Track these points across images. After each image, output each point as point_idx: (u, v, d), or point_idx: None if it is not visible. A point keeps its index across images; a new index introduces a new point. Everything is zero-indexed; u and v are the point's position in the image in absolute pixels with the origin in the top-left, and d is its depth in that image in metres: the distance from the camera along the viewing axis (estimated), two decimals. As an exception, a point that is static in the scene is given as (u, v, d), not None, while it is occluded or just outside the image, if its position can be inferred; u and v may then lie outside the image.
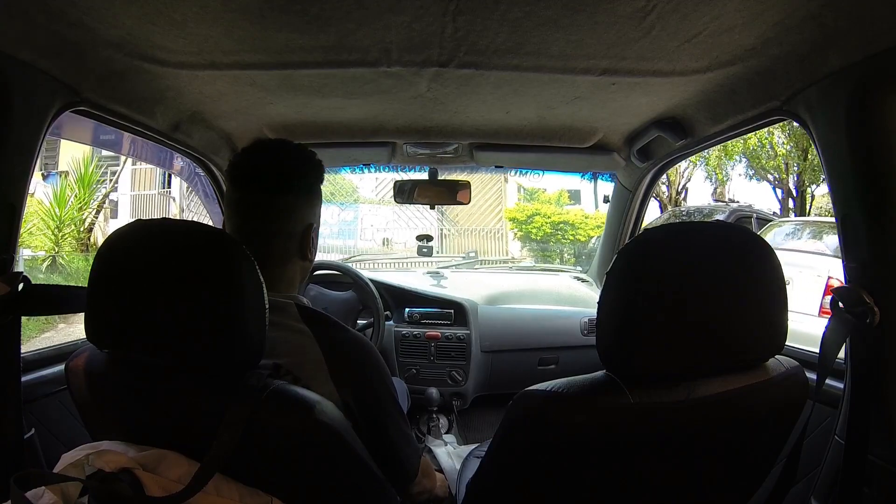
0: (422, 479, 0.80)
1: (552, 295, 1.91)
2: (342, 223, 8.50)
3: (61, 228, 6.10)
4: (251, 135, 1.33)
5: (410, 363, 1.68)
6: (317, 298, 1.55)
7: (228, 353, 0.57)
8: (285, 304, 0.72)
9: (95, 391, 0.64)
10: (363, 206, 8.72)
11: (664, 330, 0.58)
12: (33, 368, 0.96)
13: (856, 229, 0.74)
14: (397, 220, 8.49)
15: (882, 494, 0.70)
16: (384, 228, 8.52)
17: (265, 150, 0.78)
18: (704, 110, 1.05)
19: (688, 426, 0.61)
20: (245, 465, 0.56)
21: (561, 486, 0.63)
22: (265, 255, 0.69)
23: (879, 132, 0.69)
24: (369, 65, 0.89)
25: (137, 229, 0.61)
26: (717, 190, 10.83)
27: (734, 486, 0.71)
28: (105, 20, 0.73)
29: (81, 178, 6.37)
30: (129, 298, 0.58)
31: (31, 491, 0.53)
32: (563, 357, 1.74)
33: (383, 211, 8.57)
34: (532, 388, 0.61)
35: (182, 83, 0.97)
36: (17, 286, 0.75)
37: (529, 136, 1.33)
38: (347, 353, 0.70)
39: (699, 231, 0.64)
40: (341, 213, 8.47)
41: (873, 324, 0.69)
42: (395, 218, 8.48)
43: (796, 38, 0.73)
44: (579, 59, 0.86)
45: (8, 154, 0.73)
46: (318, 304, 1.48)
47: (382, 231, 8.53)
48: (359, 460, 0.61)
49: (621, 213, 1.69)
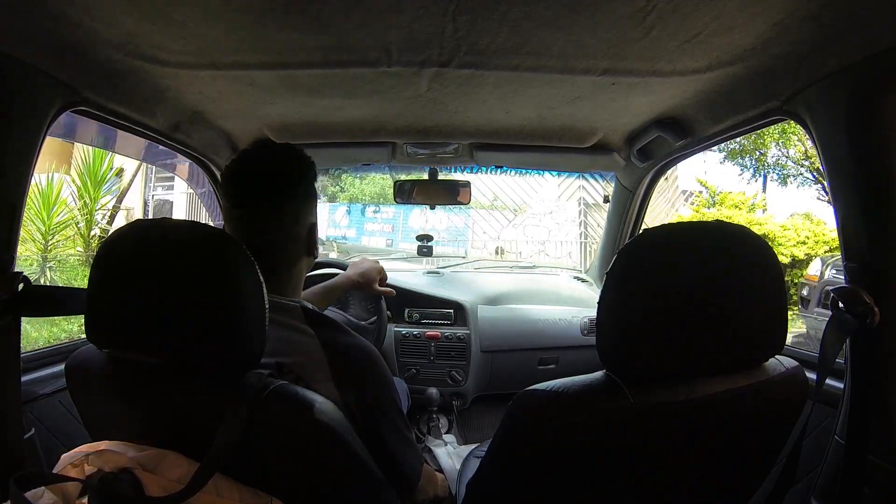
0: (425, 486, 0.79)
1: (552, 295, 1.91)
2: (452, 230, 7.82)
3: (46, 236, 4.83)
4: (251, 135, 1.33)
5: (410, 363, 1.68)
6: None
7: (228, 352, 0.57)
8: (291, 305, 0.73)
9: (95, 391, 0.64)
10: (474, 212, 7.87)
11: (664, 330, 0.58)
12: (33, 368, 0.96)
13: (856, 229, 0.74)
14: (518, 227, 7.52)
15: (882, 494, 0.70)
16: (497, 237, 7.61)
17: (259, 161, 0.76)
18: (704, 110, 1.05)
19: (687, 426, 0.61)
20: (245, 465, 0.56)
21: (561, 486, 0.63)
22: (275, 262, 0.71)
23: (879, 132, 0.69)
24: (369, 65, 0.89)
25: (137, 229, 0.61)
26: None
27: (734, 485, 0.71)
28: (105, 20, 0.73)
29: (89, 171, 5.23)
30: (128, 298, 0.58)
31: (31, 491, 0.53)
32: (563, 357, 1.74)
33: (497, 217, 7.70)
34: (532, 388, 0.61)
35: (182, 83, 0.97)
36: (17, 286, 0.75)
37: (529, 136, 1.33)
38: (351, 357, 0.70)
39: (699, 231, 0.64)
40: (450, 217, 7.80)
41: (873, 324, 0.69)
42: (508, 225, 7.56)
43: (796, 38, 0.73)
44: (579, 59, 0.86)
45: (8, 154, 0.73)
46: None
47: (496, 240, 7.59)
48: (358, 461, 0.61)
49: (621, 213, 1.69)
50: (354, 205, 8.72)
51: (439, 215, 7.67)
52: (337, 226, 8.53)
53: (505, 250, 7.49)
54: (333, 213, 8.64)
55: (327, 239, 8.14)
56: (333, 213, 8.65)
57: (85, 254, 5.33)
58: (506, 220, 7.64)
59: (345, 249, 6.33)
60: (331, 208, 8.74)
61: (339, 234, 8.44)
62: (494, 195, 7.66)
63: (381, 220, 8.32)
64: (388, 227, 8.35)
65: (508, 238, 7.54)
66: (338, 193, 9.52)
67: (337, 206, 8.86)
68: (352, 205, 8.77)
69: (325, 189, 9.33)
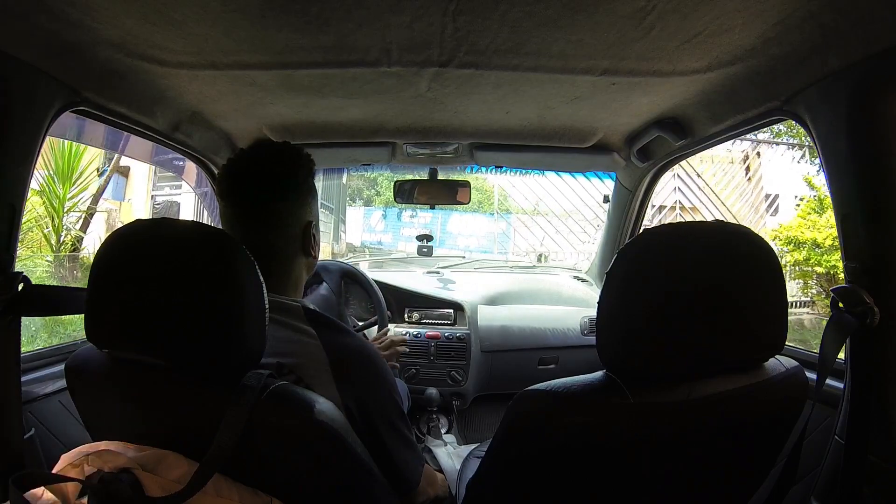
0: (426, 487, 0.79)
1: (552, 295, 1.91)
2: (492, 234, 7.45)
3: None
4: (251, 135, 1.33)
5: (410, 363, 1.68)
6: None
7: (228, 352, 0.57)
8: (292, 305, 0.72)
9: (95, 391, 0.64)
10: (515, 217, 7.41)
11: (664, 330, 0.58)
12: (33, 368, 0.96)
13: (856, 229, 0.74)
14: (560, 234, 6.91)
15: (882, 494, 0.70)
16: (540, 244, 7.04)
17: (252, 160, 0.76)
18: (704, 110, 1.05)
19: (688, 426, 0.61)
20: (245, 465, 0.56)
21: (561, 486, 0.63)
22: (269, 261, 0.70)
23: (879, 132, 0.69)
24: (369, 65, 0.89)
25: (137, 229, 0.61)
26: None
27: (734, 485, 0.71)
28: (105, 20, 0.73)
29: (58, 167, 4.40)
30: (128, 298, 0.57)
31: (31, 491, 0.53)
32: (563, 357, 1.74)
33: (540, 222, 7.14)
34: (532, 388, 0.61)
35: (182, 83, 0.97)
36: (17, 286, 0.75)
37: (529, 136, 1.33)
38: (352, 359, 0.70)
39: (699, 231, 0.64)
40: (490, 223, 7.48)
41: (873, 324, 0.69)
42: (554, 231, 6.93)
43: (796, 38, 0.73)
44: (579, 59, 0.86)
45: (8, 154, 0.73)
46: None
47: (539, 246, 7.01)
48: (358, 461, 0.61)
49: (621, 213, 1.69)
50: (391, 209, 8.30)
51: (479, 220, 7.40)
52: (373, 231, 8.21)
53: (548, 257, 6.99)
54: (369, 218, 8.31)
55: (362, 245, 7.83)
56: (369, 217, 8.32)
57: (54, 262, 4.57)
58: (550, 226, 7.13)
59: (378, 257, 5.89)
60: (366, 212, 8.42)
61: (375, 239, 8.10)
62: (538, 198, 7.15)
63: (419, 225, 7.89)
64: (426, 233, 8.07)
65: (553, 248, 7.08)
66: (373, 197, 9.18)
67: (372, 210, 8.53)
68: (387, 209, 8.39)
69: (361, 192, 9.00)
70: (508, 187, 7.61)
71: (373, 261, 3.06)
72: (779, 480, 0.70)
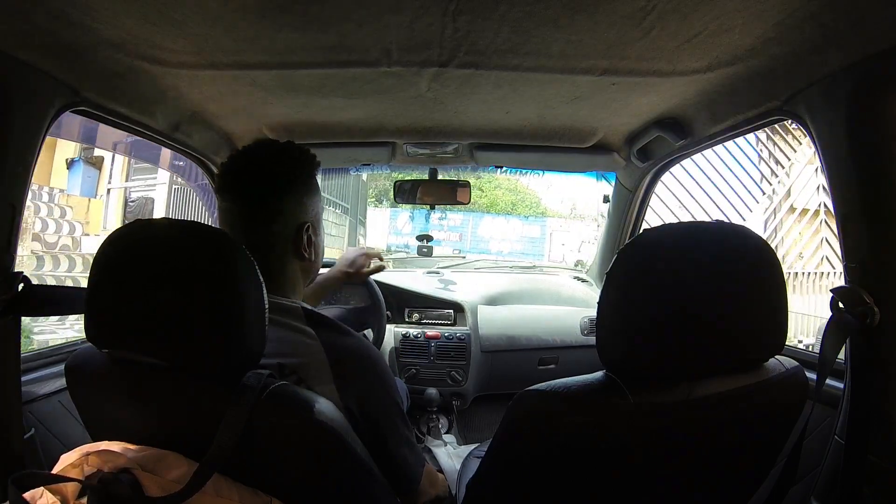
0: (426, 487, 0.79)
1: (552, 295, 1.91)
2: (526, 239, 7.19)
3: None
4: (251, 135, 1.33)
5: (410, 363, 1.68)
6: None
7: (227, 352, 0.57)
8: (292, 306, 0.72)
9: (95, 391, 0.64)
10: (552, 221, 7.19)
11: (664, 330, 0.58)
12: (33, 368, 0.96)
13: (856, 229, 0.74)
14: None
15: (882, 494, 0.70)
16: (577, 250, 6.77)
17: (250, 158, 0.76)
18: (704, 110, 1.05)
19: (688, 426, 0.61)
20: (244, 465, 0.56)
21: (561, 487, 0.63)
22: (262, 260, 0.70)
23: (879, 132, 0.69)
24: (369, 65, 0.89)
25: (137, 229, 0.61)
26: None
27: (734, 486, 0.71)
28: (105, 20, 0.73)
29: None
30: (128, 298, 0.58)
31: (30, 491, 0.53)
32: (563, 357, 1.74)
33: (576, 227, 6.94)
34: (532, 388, 0.61)
35: (182, 83, 0.97)
36: (16, 286, 0.75)
37: (529, 136, 1.33)
38: (352, 359, 0.70)
39: (699, 231, 0.64)
40: (524, 226, 7.21)
41: (873, 324, 0.69)
42: (590, 238, 6.65)
43: (796, 38, 0.73)
44: (579, 59, 0.86)
45: (8, 154, 0.73)
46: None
47: (576, 252, 6.79)
48: (358, 461, 0.61)
49: (621, 213, 1.69)
50: (418, 210, 7.94)
51: (512, 223, 7.07)
52: (399, 233, 7.89)
53: (586, 264, 6.77)
54: (395, 220, 7.97)
55: (387, 248, 7.43)
56: (395, 219, 7.98)
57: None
58: (588, 231, 6.86)
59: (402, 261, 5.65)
60: (392, 214, 8.07)
61: (402, 241, 7.74)
62: (573, 202, 7.07)
63: (448, 228, 7.57)
64: (456, 236, 7.63)
65: (590, 253, 6.82)
66: (402, 199, 9.01)
67: (398, 211, 8.11)
68: (415, 210, 7.85)
69: (387, 193, 8.72)
70: (541, 189, 7.37)
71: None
72: (779, 480, 0.70)
